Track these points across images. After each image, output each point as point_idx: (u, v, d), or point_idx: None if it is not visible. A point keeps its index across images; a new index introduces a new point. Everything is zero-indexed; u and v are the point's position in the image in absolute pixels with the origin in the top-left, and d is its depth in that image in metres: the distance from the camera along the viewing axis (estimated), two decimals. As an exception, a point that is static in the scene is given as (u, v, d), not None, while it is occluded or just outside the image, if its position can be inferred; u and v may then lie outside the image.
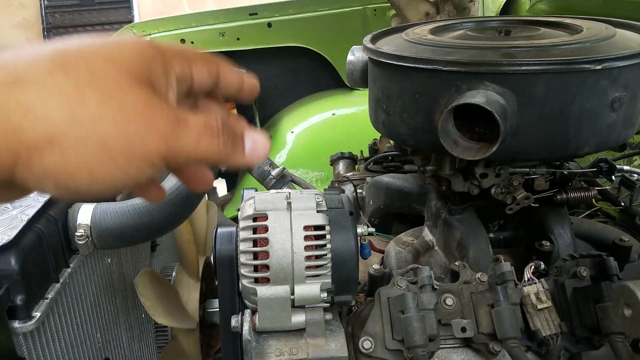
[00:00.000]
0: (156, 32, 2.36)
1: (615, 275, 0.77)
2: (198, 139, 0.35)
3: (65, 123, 0.30)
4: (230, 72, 0.43)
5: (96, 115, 0.31)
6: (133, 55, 0.34)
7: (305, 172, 2.20)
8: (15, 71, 0.31)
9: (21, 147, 0.30)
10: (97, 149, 0.31)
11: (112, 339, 1.12)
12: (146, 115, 0.33)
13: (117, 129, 0.32)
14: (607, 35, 0.80)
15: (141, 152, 0.32)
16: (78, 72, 0.32)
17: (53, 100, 0.30)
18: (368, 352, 0.75)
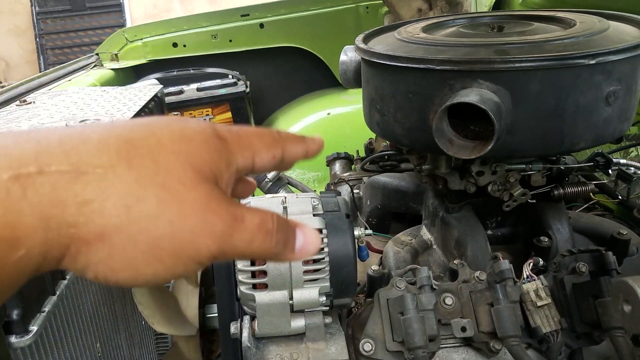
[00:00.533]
0: (148, 37, 2.35)
1: (614, 270, 0.76)
2: (252, 238, 0.34)
3: (119, 220, 0.30)
4: (295, 146, 0.41)
5: (153, 214, 0.30)
6: (200, 148, 0.34)
7: (302, 173, 2.20)
8: (78, 162, 0.30)
9: (72, 242, 0.29)
10: (146, 249, 0.31)
11: (113, 348, 1.11)
12: (204, 215, 0.32)
13: (172, 230, 0.31)
14: (600, 29, 0.80)
15: (192, 253, 0.32)
16: (142, 166, 0.31)
17: (112, 196, 0.30)
18: (369, 355, 0.75)
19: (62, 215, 0.29)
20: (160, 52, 2.36)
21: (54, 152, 0.29)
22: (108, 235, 0.30)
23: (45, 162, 0.29)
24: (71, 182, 0.29)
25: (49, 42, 6.10)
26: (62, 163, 0.29)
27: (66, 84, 1.84)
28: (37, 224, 0.28)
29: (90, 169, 0.30)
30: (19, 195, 0.28)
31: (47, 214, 0.28)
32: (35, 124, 1.20)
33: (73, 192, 0.29)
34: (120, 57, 2.35)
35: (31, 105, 1.40)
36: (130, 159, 0.31)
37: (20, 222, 0.28)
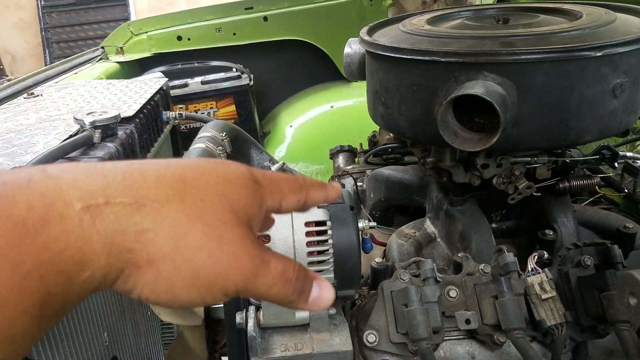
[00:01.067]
0: (153, 30, 2.35)
1: (619, 264, 0.76)
2: (273, 283, 0.38)
3: (169, 249, 0.34)
4: (317, 193, 0.46)
5: (197, 246, 0.35)
6: (239, 192, 0.38)
7: (305, 166, 2.20)
8: (139, 196, 0.34)
9: (126, 266, 0.33)
10: (187, 277, 0.35)
11: (119, 337, 1.12)
12: (238, 253, 0.36)
13: (210, 262, 0.35)
14: (607, 21, 0.79)
15: (222, 285, 0.36)
16: (192, 204, 0.35)
17: (165, 228, 0.34)
18: (372, 346, 0.75)
19: (123, 242, 0.33)
20: (164, 45, 2.36)
21: (118, 187, 0.34)
22: (157, 262, 0.34)
23: (111, 194, 0.33)
24: (132, 213, 0.33)
25: (54, 35, 6.11)
26: (125, 196, 0.33)
27: (72, 77, 1.85)
28: (102, 249, 0.32)
29: (149, 203, 0.34)
30: (89, 224, 0.32)
31: (110, 241, 0.32)
32: (43, 117, 1.20)
33: (133, 222, 0.33)
34: (126, 51, 2.35)
35: (39, 98, 1.41)
36: (183, 196, 0.35)
37: (90, 247, 0.31)
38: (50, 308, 0.31)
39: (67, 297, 0.32)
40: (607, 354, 0.80)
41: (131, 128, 1.18)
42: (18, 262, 0.29)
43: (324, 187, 0.47)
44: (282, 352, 0.73)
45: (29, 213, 0.30)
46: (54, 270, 0.30)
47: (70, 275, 0.31)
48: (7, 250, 0.28)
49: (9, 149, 0.99)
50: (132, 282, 0.34)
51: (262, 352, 0.73)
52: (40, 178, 0.32)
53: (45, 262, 0.30)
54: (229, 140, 1.18)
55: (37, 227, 0.30)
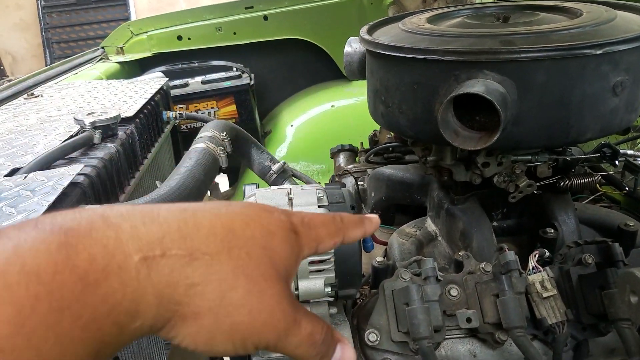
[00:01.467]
0: (153, 30, 2.35)
1: (620, 262, 0.76)
2: (300, 344, 0.40)
3: (214, 303, 0.35)
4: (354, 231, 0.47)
5: (240, 302, 0.36)
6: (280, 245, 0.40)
7: (306, 165, 2.20)
8: (192, 248, 0.35)
9: (173, 316, 0.35)
10: (225, 331, 0.36)
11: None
12: (274, 311, 0.38)
13: (249, 319, 0.37)
14: (607, 19, 0.79)
15: (256, 340, 0.38)
16: (239, 258, 0.37)
17: (213, 282, 0.35)
18: (374, 345, 0.75)
19: (173, 295, 0.34)
20: (165, 45, 2.36)
21: (174, 237, 0.35)
22: (201, 315, 0.35)
23: (167, 246, 0.34)
24: (185, 266, 0.35)
25: (55, 36, 6.12)
26: (180, 248, 0.35)
27: (73, 77, 1.85)
28: (153, 301, 0.33)
29: (201, 256, 0.35)
30: (145, 276, 0.33)
31: (162, 293, 0.34)
32: (43, 117, 1.20)
33: (185, 275, 0.34)
34: (126, 51, 2.36)
35: (39, 99, 1.41)
36: (231, 249, 0.37)
37: (143, 299, 0.33)
38: (103, 355, 0.32)
39: (118, 345, 0.33)
40: (608, 352, 0.79)
41: (131, 128, 1.18)
42: (78, 315, 0.30)
43: (362, 223, 0.48)
44: (283, 352, 0.73)
45: (91, 266, 0.31)
46: (110, 321, 0.31)
47: (122, 326, 0.32)
48: (71, 304, 0.29)
49: (10, 149, 1.00)
50: (175, 331, 0.35)
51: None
52: (101, 227, 0.33)
53: (104, 315, 0.31)
54: (229, 140, 1.18)
55: (98, 279, 0.31)
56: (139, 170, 1.21)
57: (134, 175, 1.18)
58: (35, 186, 0.82)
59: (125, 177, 1.13)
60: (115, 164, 1.05)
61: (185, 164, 1.01)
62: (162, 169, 1.46)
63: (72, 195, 0.87)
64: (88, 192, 0.91)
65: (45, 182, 0.84)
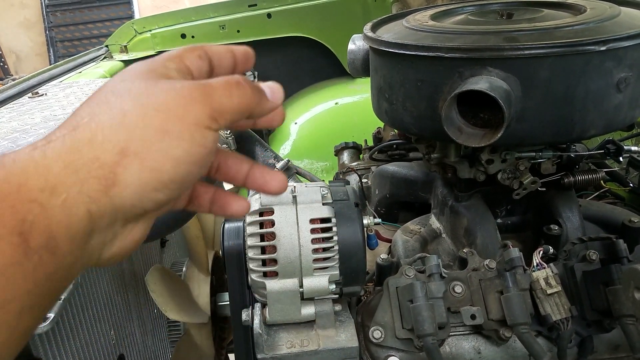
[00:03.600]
0: (157, 28, 2.35)
1: (625, 258, 0.76)
2: (229, 92, 0.39)
3: (123, 134, 0.35)
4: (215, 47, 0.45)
5: (140, 112, 0.36)
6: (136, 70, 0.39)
7: (310, 163, 2.20)
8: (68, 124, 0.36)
9: (105, 171, 0.34)
10: (160, 136, 0.35)
11: (126, 335, 1.13)
12: (176, 93, 0.37)
13: (163, 113, 0.36)
14: (611, 15, 0.79)
15: (193, 120, 0.36)
16: (108, 99, 0.37)
17: (104, 126, 0.35)
18: (378, 342, 0.76)
19: (81, 157, 0.34)
20: (168, 43, 2.36)
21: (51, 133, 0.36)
22: (126, 148, 0.35)
23: (49, 137, 0.35)
24: (73, 135, 0.35)
25: (59, 34, 6.13)
26: (59, 133, 0.35)
27: (77, 76, 1.85)
28: (64, 170, 0.33)
29: (79, 123, 0.36)
30: (42, 157, 0.33)
31: (68, 160, 0.34)
32: (48, 116, 1.21)
33: (78, 139, 0.35)
34: (130, 49, 2.36)
35: (43, 97, 1.42)
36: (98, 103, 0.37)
37: (50, 173, 0.33)
38: (34, 237, 0.31)
39: (49, 224, 0.32)
40: (613, 349, 0.79)
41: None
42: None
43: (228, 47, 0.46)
44: (288, 349, 0.74)
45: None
46: (22, 199, 0.32)
47: (42, 202, 0.32)
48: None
49: (15, 148, 1.00)
50: (128, 177, 0.35)
51: (268, 349, 0.74)
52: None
53: (10, 194, 0.31)
54: (233, 138, 1.19)
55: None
56: (143, 168, 1.21)
57: (139, 173, 1.19)
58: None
59: (130, 175, 1.13)
60: (120, 162, 1.06)
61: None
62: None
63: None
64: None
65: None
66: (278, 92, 0.43)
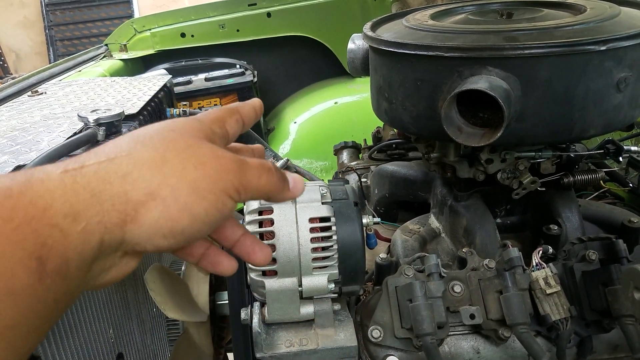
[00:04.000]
0: (156, 27, 2.35)
1: (624, 258, 0.76)
2: (259, 174, 0.43)
3: (158, 178, 0.37)
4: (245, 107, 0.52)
5: (180, 166, 0.38)
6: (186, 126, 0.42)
7: (310, 162, 2.20)
8: (105, 152, 0.37)
9: (128, 207, 0.36)
10: (190, 192, 0.38)
11: (125, 334, 1.13)
12: (217, 159, 0.40)
13: (200, 172, 0.39)
14: (611, 15, 0.79)
15: (222, 187, 0.39)
16: (154, 142, 0.39)
17: (144, 165, 0.37)
18: (377, 341, 0.76)
19: (111, 189, 0.35)
20: (168, 42, 2.36)
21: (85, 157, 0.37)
22: (156, 191, 0.36)
23: (82, 161, 0.36)
24: (108, 165, 0.36)
25: (58, 33, 6.12)
26: (95, 158, 0.37)
27: (76, 75, 1.85)
28: (90, 199, 0.34)
29: (117, 155, 0.37)
30: (72, 181, 0.34)
31: (97, 190, 0.35)
32: (47, 114, 1.21)
33: (113, 170, 0.36)
34: (129, 48, 2.36)
35: (43, 96, 1.41)
36: (142, 142, 0.39)
37: (77, 199, 0.34)
38: (50, 262, 0.32)
39: (66, 250, 0.33)
40: (612, 349, 0.79)
41: (135, 125, 1.18)
42: (9, 218, 0.31)
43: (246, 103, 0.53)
44: (287, 348, 0.73)
45: (12, 182, 0.33)
46: (45, 223, 0.32)
47: (63, 228, 0.33)
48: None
49: (14, 146, 1.00)
50: (145, 220, 0.36)
51: (267, 348, 0.74)
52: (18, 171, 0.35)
53: (35, 217, 0.32)
54: (233, 137, 1.19)
55: (22, 190, 0.32)
56: (143, 167, 1.21)
57: (138, 172, 1.19)
58: (40, 183, 0.83)
59: (129, 174, 1.13)
60: (120, 161, 1.05)
61: (189, 160, 1.02)
62: (165, 166, 1.47)
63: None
64: (92, 189, 0.91)
65: (50, 179, 0.84)
66: (299, 186, 0.48)
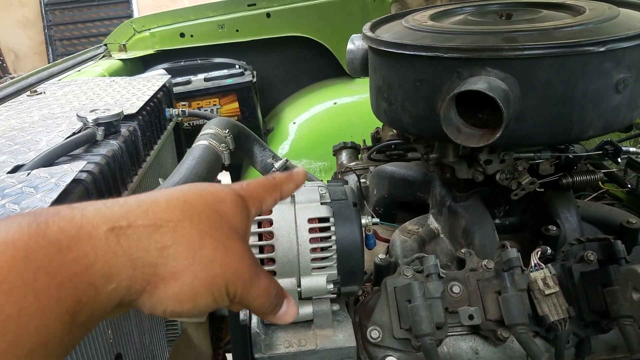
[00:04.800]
0: (155, 27, 2.35)
1: (623, 259, 0.76)
2: (259, 295, 0.44)
3: (188, 261, 0.39)
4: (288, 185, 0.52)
5: (210, 257, 0.40)
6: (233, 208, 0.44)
7: (309, 163, 2.20)
8: (155, 218, 0.39)
9: (152, 278, 0.38)
10: (205, 284, 0.40)
11: (124, 334, 1.12)
12: (241, 264, 0.42)
13: (222, 270, 0.41)
14: (610, 16, 0.79)
15: (230, 289, 0.41)
16: (200, 222, 0.41)
17: (182, 243, 0.39)
18: (376, 342, 0.76)
19: (146, 258, 0.37)
20: (167, 42, 2.36)
21: (136, 212, 0.39)
22: (179, 273, 0.38)
23: (131, 219, 0.38)
24: (152, 233, 0.38)
25: (58, 33, 6.12)
26: (144, 219, 0.38)
27: (75, 75, 1.85)
28: (126, 263, 0.36)
29: (165, 223, 0.39)
30: (115, 242, 0.36)
31: (134, 257, 0.37)
32: (46, 114, 1.21)
33: (154, 240, 0.38)
34: (128, 48, 2.36)
35: (42, 96, 1.41)
36: (191, 216, 0.41)
37: (115, 262, 0.36)
38: (80, 316, 0.34)
39: (95, 307, 0.35)
40: (610, 349, 0.80)
41: (134, 125, 1.18)
42: (54, 274, 0.33)
43: (292, 177, 0.53)
44: (285, 349, 0.73)
45: (61, 234, 0.34)
46: (84, 281, 0.34)
47: (98, 287, 0.35)
48: (45, 264, 0.33)
49: (13, 146, 1.00)
50: (159, 294, 0.38)
51: (266, 349, 0.73)
52: (66, 209, 0.37)
53: (78, 275, 0.34)
54: (232, 137, 1.18)
55: (70, 244, 0.34)
56: (142, 167, 1.21)
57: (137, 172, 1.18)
58: (38, 183, 0.82)
59: (128, 174, 1.13)
60: (118, 161, 1.05)
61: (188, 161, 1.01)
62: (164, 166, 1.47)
63: (75, 192, 0.87)
64: (91, 189, 0.91)
65: (48, 179, 0.84)
66: (289, 317, 0.48)
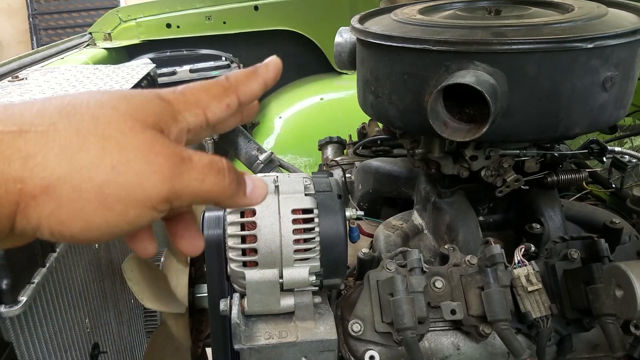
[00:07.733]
0: (141, 17, 2.31)
1: (606, 257, 0.76)
2: (203, 176, 0.34)
3: (62, 170, 0.31)
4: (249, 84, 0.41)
5: (94, 161, 0.31)
6: (140, 104, 0.35)
7: (294, 158, 2.18)
8: (21, 122, 0.31)
9: (20, 197, 0.30)
10: (92, 198, 0.31)
11: (101, 324, 1.11)
12: (148, 157, 0.32)
13: (115, 175, 0.31)
14: (598, 14, 0.79)
15: (140, 197, 0.32)
16: (82, 121, 0.32)
17: (53, 149, 0.31)
18: (357, 335, 0.75)
19: (8, 171, 0.30)
20: (153, 32, 2.32)
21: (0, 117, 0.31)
22: (53, 187, 0.30)
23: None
24: (15, 139, 0.30)
25: (42, 22, 6.02)
26: (6, 124, 0.31)
27: (59, 62, 1.82)
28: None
29: (32, 128, 0.31)
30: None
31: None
32: (27, 100, 1.18)
33: (17, 148, 0.30)
34: (114, 37, 2.32)
35: (23, 82, 1.38)
36: (71, 117, 0.32)
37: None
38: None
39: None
40: (591, 348, 0.80)
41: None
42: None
43: (255, 72, 0.41)
44: (265, 340, 0.72)
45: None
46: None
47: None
48: None
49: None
50: (33, 215, 0.31)
51: (246, 340, 0.72)
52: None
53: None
54: (216, 128, 1.17)
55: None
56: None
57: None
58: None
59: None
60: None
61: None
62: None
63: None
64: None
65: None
66: (259, 192, 0.39)
